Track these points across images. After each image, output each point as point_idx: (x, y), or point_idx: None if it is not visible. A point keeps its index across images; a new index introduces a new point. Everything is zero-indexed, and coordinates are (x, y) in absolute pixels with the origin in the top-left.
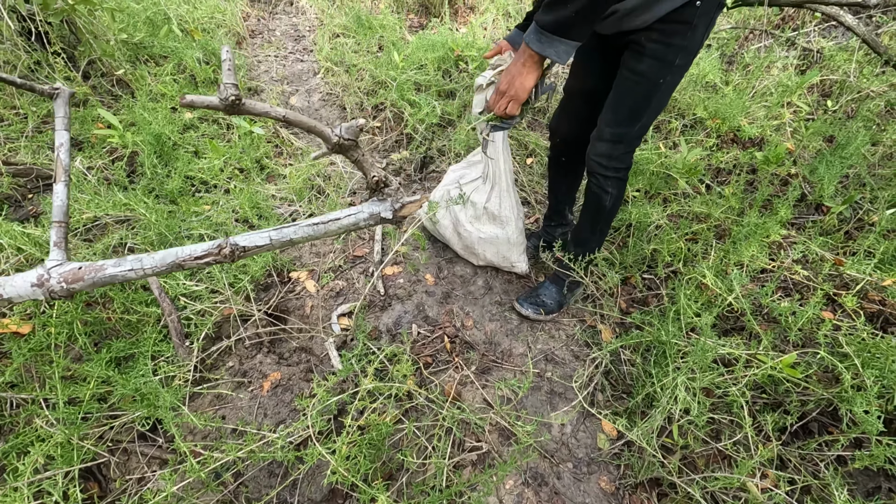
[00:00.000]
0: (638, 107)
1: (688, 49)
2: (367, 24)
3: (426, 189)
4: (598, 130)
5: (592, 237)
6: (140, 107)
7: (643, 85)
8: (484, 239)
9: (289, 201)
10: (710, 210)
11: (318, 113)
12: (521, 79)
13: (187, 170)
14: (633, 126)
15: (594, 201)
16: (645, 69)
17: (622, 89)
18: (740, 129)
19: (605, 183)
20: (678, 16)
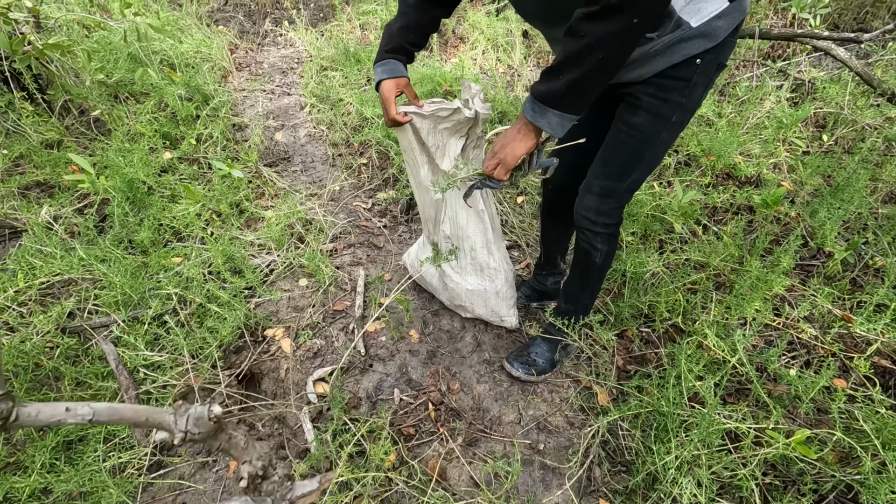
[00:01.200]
0: (629, 161)
1: (685, 107)
2: (354, 58)
3: (413, 231)
4: (587, 183)
5: (583, 294)
6: (115, 149)
7: (636, 139)
8: (472, 291)
9: (267, 249)
10: (708, 258)
11: (304, 149)
12: (514, 145)
13: (161, 216)
14: (624, 181)
15: (583, 258)
16: (639, 123)
17: (614, 142)
18: (735, 167)
19: (594, 239)
20: (677, 72)
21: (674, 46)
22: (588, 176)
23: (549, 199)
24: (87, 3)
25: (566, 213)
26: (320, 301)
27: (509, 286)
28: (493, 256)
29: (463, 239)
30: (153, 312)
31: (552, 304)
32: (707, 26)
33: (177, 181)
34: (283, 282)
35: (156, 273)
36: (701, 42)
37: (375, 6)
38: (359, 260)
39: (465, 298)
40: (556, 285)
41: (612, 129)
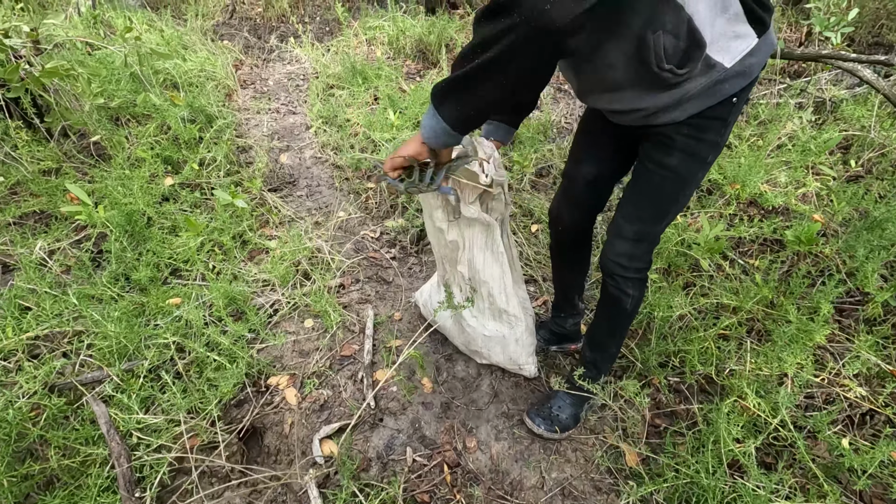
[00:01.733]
0: (665, 204)
1: (719, 145)
2: (361, 75)
3: (424, 264)
4: (617, 227)
5: (610, 341)
6: (115, 176)
7: (671, 181)
8: (489, 338)
9: (271, 286)
10: (741, 302)
11: (310, 171)
12: (405, 144)
13: (161, 251)
14: (659, 224)
15: (613, 305)
16: (675, 164)
17: (647, 184)
18: (762, 196)
19: (625, 285)
20: (714, 112)
21: (711, 88)
22: (617, 220)
23: (561, 241)
24: (91, 23)
25: (580, 254)
26: (327, 345)
27: (529, 333)
28: (511, 302)
29: (480, 283)
30: (149, 364)
31: (572, 345)
32: (742, 65)
33: (178, 210)
34: (288, 323)
35: (154, 316)
36: (737, 81)
37: (382, 21)
38: (367, 297)
39: (481, 344)
40: (576, 326)
41: (642, 169)
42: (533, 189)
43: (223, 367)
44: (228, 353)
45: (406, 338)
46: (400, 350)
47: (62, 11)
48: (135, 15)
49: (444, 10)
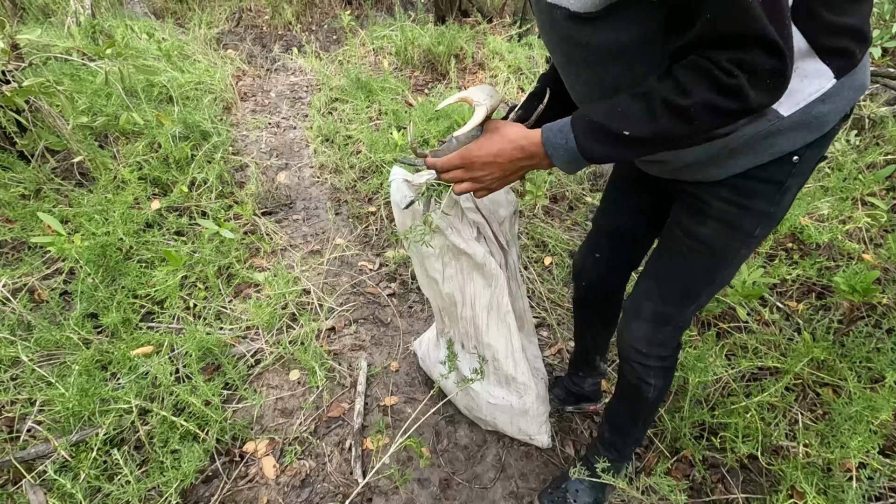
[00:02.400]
0: (694, 283)
1: (772, 216)
2: (366, 88)
3: (425, 302)
4: (635, 304)
5: (633, 427)
6: (96, 201)
7: (704, 255)
8: (495, 406)
9: (256, 330)
10: (788, 365)
11: (308, 192)
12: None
13: (138, 286)
14: (686, 306)
15: (632, 393)
16: (708, 235)
17: (674, 256)
18: (803, 231)
19: (646, 373)
20: (765, 173)
21: (760, 142)
22: (636, 295)
23: (584, 297)
24: (89, 33)
25: (604, 310)
26: (313, 404)
27: (542, 401)
28: (520, 368)
29: (484, 346)
30: (105, 434)
31: (591, 406)
32: (805, 114)
33: (161, 239)
34: (271, 375)
35: (120, 368)
36: (799, 135)
37: (390, 31)
38: (361, 343)
39: (486, 412)
40: (596, 387)
41: (669, 235)
42: (546, 216)
43: (191, 436)
44: (199, 415)
45: (403, 394)
46: (395, 410)
47: (62, 21)
48: (136, 24)
49: (455, 18)
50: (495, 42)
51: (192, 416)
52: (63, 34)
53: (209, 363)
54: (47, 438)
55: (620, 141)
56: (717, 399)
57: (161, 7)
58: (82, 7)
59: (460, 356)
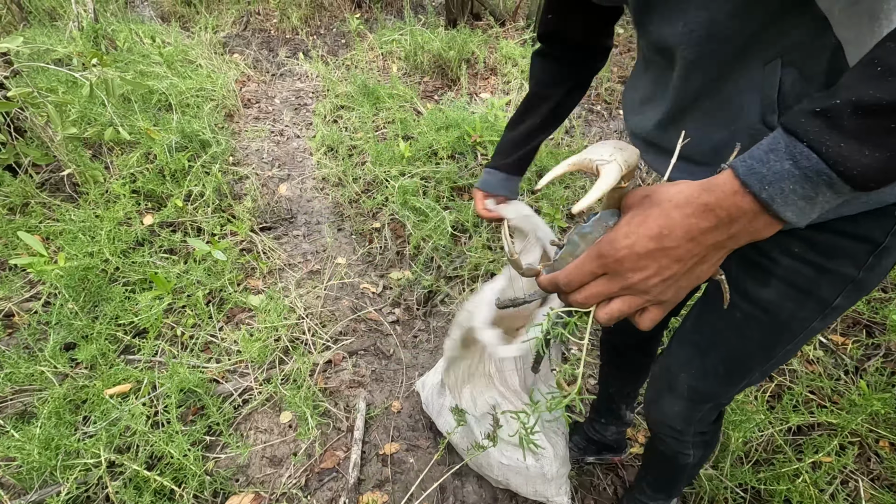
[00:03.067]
0: (746, 358)
1: (861, 284)
2: (373, 94)
3: (432, 331)
4: (669, 376)
5: (674, 489)
6: (84, 217)
7: (762, 326)
8: (507, 466)
9: (245, 366)
10: (845, 421)
11: (310, 206)
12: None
13: (121, 313)
14: (733, 385)
15: (668, 463)
16: (771, 301)
17: (722, 323)
18: None
19: (683, 447)
20: (855, 227)
21: None
22: (670, 362)
23: (615, 342)
24: (91, 39)
25: (638, 360)
26: (305, 453)
27: (561, 462)
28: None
29: (497, 406)
30: (67, 494)
31: (614, 458)
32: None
33: (151, 259)
34: (260, 416)
35: (94, 408)
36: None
37: (399, 35)
38: (360, 379)
39: (497, 472)
40: (620, 435)
41: (716, 296)
42: (563, 234)
43: (166, 492)
44: (177, 467)
45: (405, 440)
46: (395, 459)
47: (67, 25)
48: (141, 28)
49: (466, 22)
50: (508, 46)
51: (169, 467)
52: (64, 39)
53: (192, 404)
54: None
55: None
56: (760, 454)
57: (169, 11)
58: (84, 11)
59: (471, 418)
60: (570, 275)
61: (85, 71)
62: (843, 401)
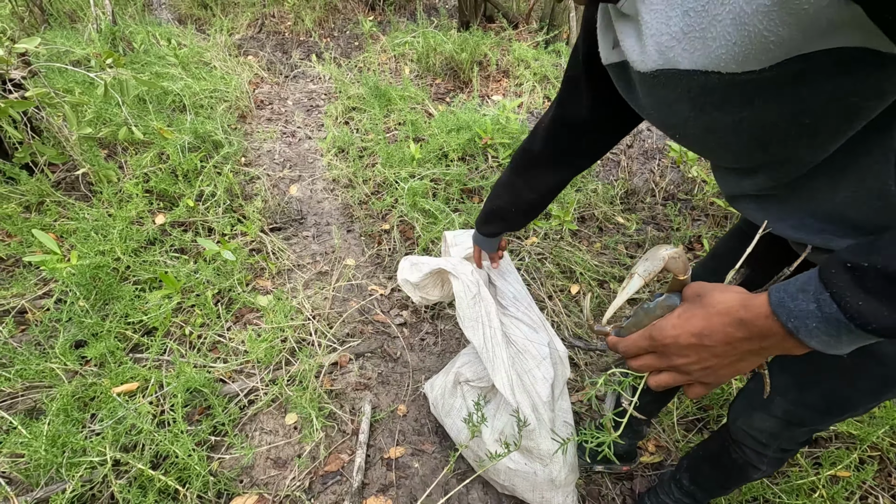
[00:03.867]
0: (851, 399)
1: None
2: (385, 96)
3: (439, 334)
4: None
5: (722, 491)
6: (96, 216)
7: (873, 375)
8: (514, 471)
9: (252, 366)
10: (864, 433)
11: (320, 206)
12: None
13: (131, 311)
14: (833, 417)
15: (735, 471)
16: (886, 353)
17: (826, 364)
18: None
19: (758, 460)
20: None
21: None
22: None
23: None
24: (108, 41)
25: None
26: (310, 455)
27: (570, 469)
28: (542, 440)
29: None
30: (72, 492)
31: (624, 468)
32: None
33: (162, 258)
34: (266, 417)
35: (102, 406)
36: None
37: (412, 38)
38: (367, 381)
39: (504, 478)
40: (632, 447)
41: None
42: (573, 238)
43: (170, 492)
44: (182, 466)
45: (410, 444)
46: (400, 464)
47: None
48: (158, 30)
49: (479, 24)
50: (521, 49)
51: (174, 467)
52: (83, 40)
53: (198, 404)
54: (6, 497)
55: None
56: None
57: (185, 13)
58: (103, 13)
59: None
60: (628, 346)
61: (101, 72)
62: (866, 416)
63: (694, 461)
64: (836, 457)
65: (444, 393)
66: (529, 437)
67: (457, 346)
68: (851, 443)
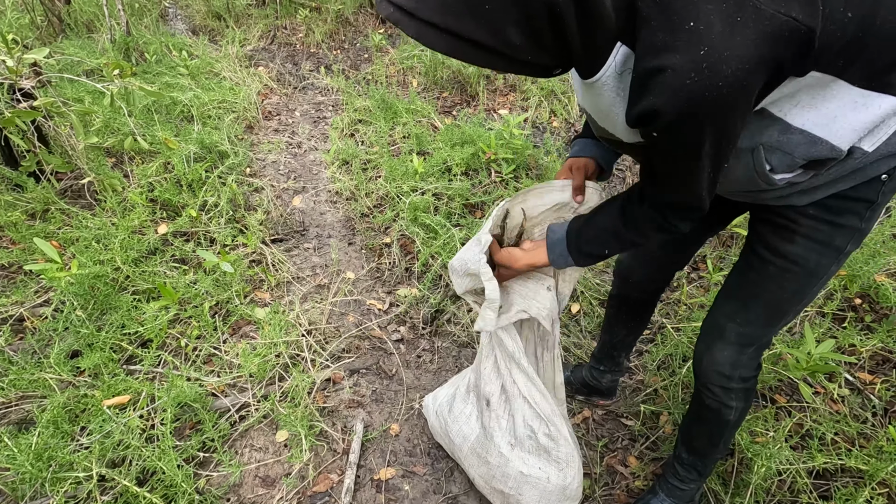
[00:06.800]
0: (783, 303)
1: (863, 231)
2: (391, 109)
3: (436, 351)
4: (717, 328)
5: (714, 449)
6: (100, 224)
7: (794, 274)
8: (526, 477)
9: (245, 380)
10: (873, 468)
11: (323, 218)
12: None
13: (128, 321)
14: (774, 326)
15: (712, 417)
16: (799, 254)
17: (760, 277)
18: (878, 291)
19: (727, 396)
20: (854, 192)
21: (850, 174)
22: (717, 318)
23: (624, 295)
24: (122, 51)
25: (643, 311)
26: (299, 474)
27: (579, 483)
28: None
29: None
30: None
31: (602, 401)
32: (889, 145)
33: (161, 269)
34: (256, 434)
35: (92, 418)
36: (885, 161)
37: (420, 51)
38: (360, 399)
39: (511, 484)
40: (613, 383)
41: (753, 257)
42: None
43: None
44: (169, 483)
45: (402, 465)
46: (390, 486)
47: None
48: (171, 41)
49: None
50: None
51: (160, 483)
52: (97, 50)
53: (188, 418)
54: None
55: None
56: (784, 494)
57: (200, 24)
58: (118, 24)
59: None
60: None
61: (109, 82)
62: (871, 446)
63: (683, 429)
64: (843, 493)
65: (453, 399)
66: (550, 437)
67: (453, 364)
68: (860, 477)
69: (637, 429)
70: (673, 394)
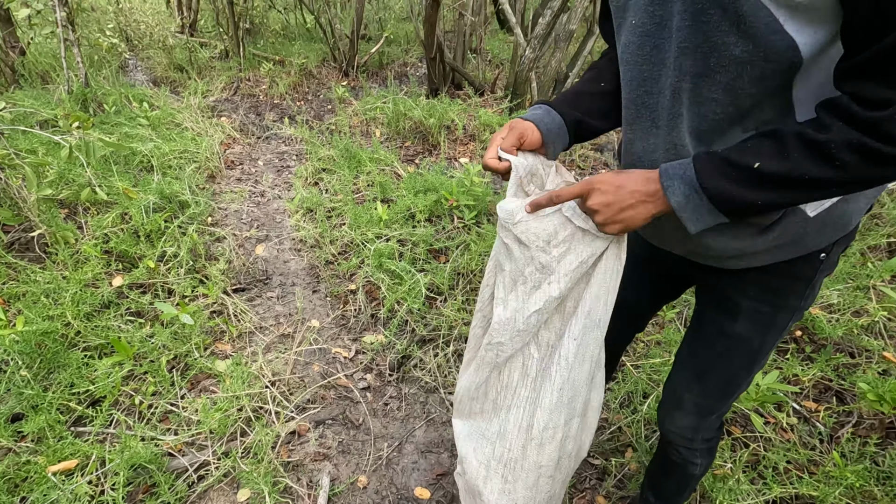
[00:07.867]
0: (734, 377)
1: (802, 309)
2: (355, 158)
3: (404, 398)
4: (676, 396)
5: (681, 497)
6: (50, 278)
7: (741, 352)
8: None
9: (205, 438)
10: (822, 493)
11: (287, 267)
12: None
13: (77, 380)
14: (729, 397)
15: (679, 472)
16: (742, 334)
17: (710, 353)
18: (815, 323)
19: (692, 455)
20: (793, 269)
21: (789, 244)
22: (675, 386)
23: None
24: (79, 102)
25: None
26: None
27: None
28: None
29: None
30: None
31: None
32: (830, 213)
33: (116, 323)
34: (216, 494)
35: (35, 487)
36: (825, 234)
37: (382, 103)
38: (326, 451)
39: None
40: None
41: (702, 331)
42: None
43: None
44: None
45: None
46: None
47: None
48: (131, 92)
49: (447, 91)
50: (486, 115)
51: None
52: (52, 101)
53: (142, 481)
54: None
55: (751, 177)
56: None
57: (161, 75)
58: (76, 75)
59: None
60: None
61: (66, 134)
62: (819, 472)
63: (650, 476)
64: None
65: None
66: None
67: (421, 410)
68: (807, 500)
69: (603, 466)
70: (636, 430)
